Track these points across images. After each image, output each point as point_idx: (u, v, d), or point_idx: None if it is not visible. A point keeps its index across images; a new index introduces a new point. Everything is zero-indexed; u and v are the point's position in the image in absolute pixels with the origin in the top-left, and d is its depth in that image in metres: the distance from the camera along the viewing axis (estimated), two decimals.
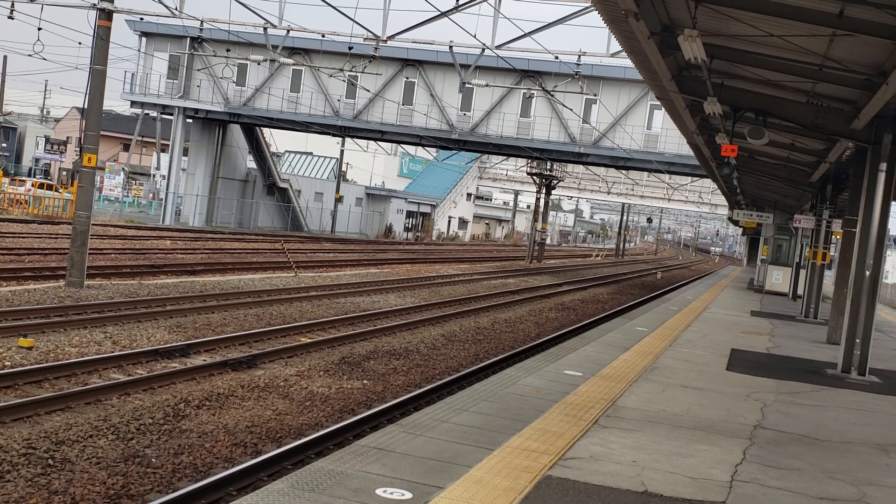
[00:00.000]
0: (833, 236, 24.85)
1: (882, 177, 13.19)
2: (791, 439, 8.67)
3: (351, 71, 39.59)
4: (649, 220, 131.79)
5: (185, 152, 55.43)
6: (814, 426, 9.45)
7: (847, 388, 12.53)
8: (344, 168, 73.39)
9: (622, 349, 13.94)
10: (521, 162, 71.85)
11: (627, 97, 44.09)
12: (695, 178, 63.33)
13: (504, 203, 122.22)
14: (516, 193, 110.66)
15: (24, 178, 58.94)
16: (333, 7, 21.58)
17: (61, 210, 47.61)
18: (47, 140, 78.35)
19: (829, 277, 27.59)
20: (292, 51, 45.71)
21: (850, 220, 16.01)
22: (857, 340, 13.56)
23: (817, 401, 11.18)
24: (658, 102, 20.39)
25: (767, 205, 38.14)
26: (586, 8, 28.31)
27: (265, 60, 37.49)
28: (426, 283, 31.63)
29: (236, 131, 54.31)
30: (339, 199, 65.89)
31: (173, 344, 14.61)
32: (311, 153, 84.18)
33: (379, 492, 5.71)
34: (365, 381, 13.92)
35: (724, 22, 11.41)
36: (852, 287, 13.70)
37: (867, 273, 13.40)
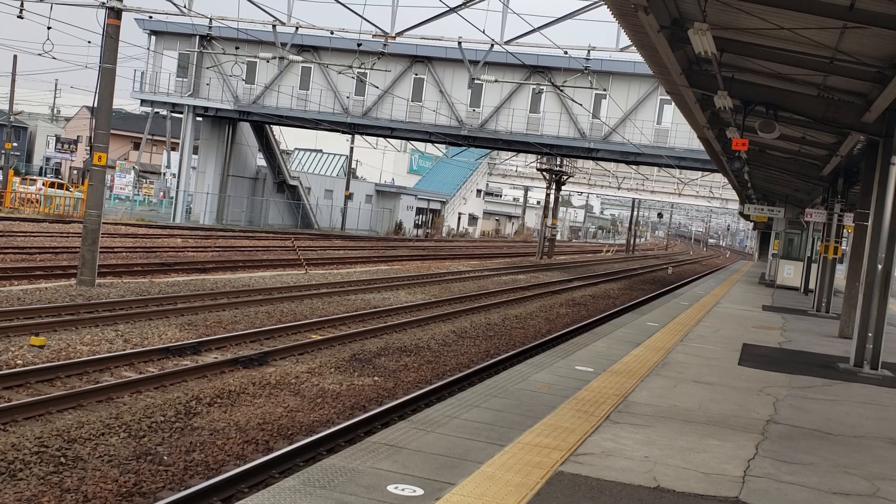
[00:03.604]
0: (845, 230, 24.74)
1: (894, 170, 13.10)
2: (803, 434, 8.63)
3: (360, 68, 39.56)
4: (660, 216, 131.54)
5: (196, 150, 55.51)
6: (826, 421, 9.41)
7: (859, 383, 12.48)
8: (354, 165, 73.43)
9: (633, 345, 13.90)
10: (531, 158, 71.71)
11: (637, 92, 43.97)
12: (705, 173, 63.14)
13: (514, 199, 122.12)
14: (526, 189, 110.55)
15: (34, 178, 59.12)
16: (342, 4, 21.55)
17: (72, 209, 47.77)
18: (58, 139, 78.61)
19: (841, 271, 27.48)
20: (301, 48, 45.73)
21: (861, 214, 15.92)
22: (870, 334, 13.50)
23: (830, 395, 11.14)
24: (668, 97, 20.34)
25: (778, 199, 38.00)
26: (595, 2, 28.25)
27: (274, 58, 37.52)
28: (436, 279, 31.62)
29: (246, 129, 54.38)
30: (348, 197, 65.91)
31: (184, 342, 14.64)
32: (320, 150, 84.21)
33: (390, 488, 5.70)
34: (376, 378, 13.93)
35: (734, 15, 11.36)
36: (864, 281, 13.64)
37: (879, 267, 13.34)
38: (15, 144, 73.85)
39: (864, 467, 7.56)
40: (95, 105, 21.17)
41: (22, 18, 26.33)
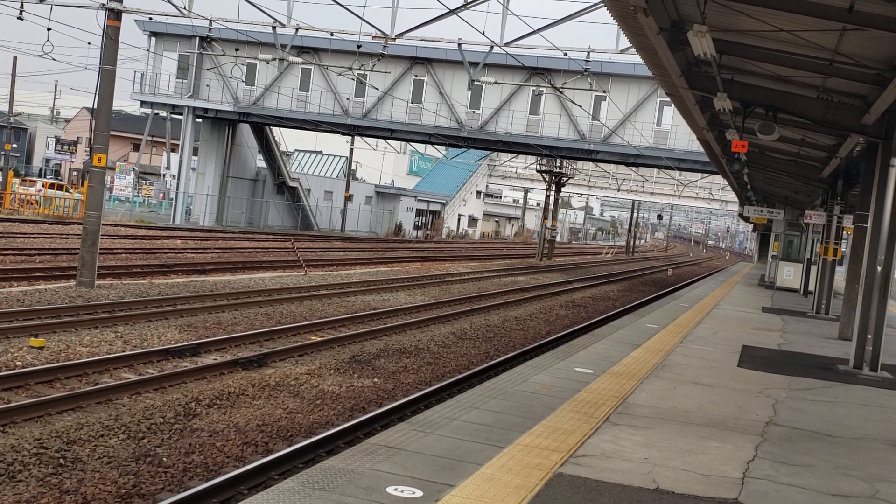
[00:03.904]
0: (844, 232, 24.73)
1: (893, 172, 13.10)
2: (803, 436, 8.63)
3: (360, 69, 39.63)
4: (660, 217, 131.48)
5: (195, 152, 55.50)
6: (826, 422, 9.41)
7: (859, 384, 12.48)
8: (353, 167, 73.43)
9: (633, 346, 13.90)
10: (531, 159, 71.72)
11: (637, 94, 43.99)
12: (705, 175, 63.19)
13: (514, 200, 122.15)
14: (526, 191, 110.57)
15: (34, 179, 59.14)
16: (342, 6, 21.56)
17: (72, 210, 47.75)
18: (57, 140, 78.55)
19: (841, 273, 27.49)
20: (301, 50, 45.75)
21: (861, 216, 15.92)
22: (869, 336, 13.50)
23: (829, 397, 11.14)
24: (668, 99, 20.35)
25: (778, 201, 38.00)
26: (595, 4, 28.28)
27: (274, 59, 37.56)
28: (436, 281, 31.62)
29: (246, 130, 54.40)
30: (348, 198, 65.92)
31: (184, 343, 14.64)
32: (320, 152, 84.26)
33: (390, 490, 5.70)
34: (375, 380, 13.92)
35: (734, 17, 11.37)
36: (864, 283, 13.63)
37: (879, 268, 13.34)
38: (15, 146, 73.82)
39: (863, 469, 7.56)
40: (95, 106, 21.18)
41: (22, 20, 26.35)
